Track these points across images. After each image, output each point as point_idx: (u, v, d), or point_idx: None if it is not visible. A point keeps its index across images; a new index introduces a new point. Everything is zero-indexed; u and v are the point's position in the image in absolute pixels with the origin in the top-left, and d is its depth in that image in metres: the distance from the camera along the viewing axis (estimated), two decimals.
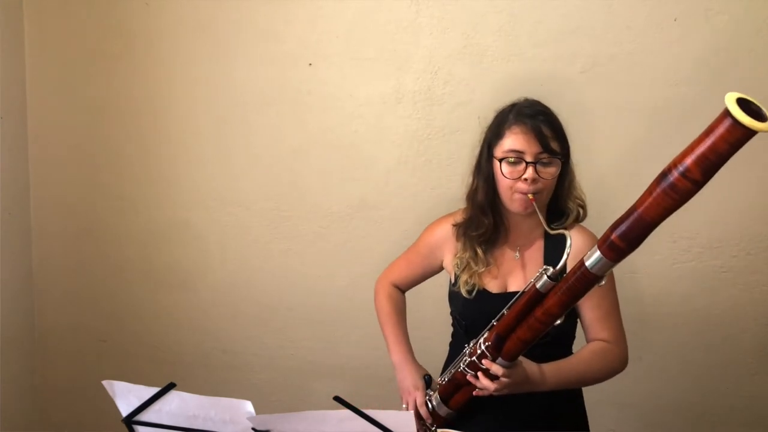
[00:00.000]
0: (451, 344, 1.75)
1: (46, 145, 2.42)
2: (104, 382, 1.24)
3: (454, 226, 1.64)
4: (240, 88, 2.28)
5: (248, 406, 1.18)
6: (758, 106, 1.03)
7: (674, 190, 1.11)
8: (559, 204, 1.57)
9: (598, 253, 1.22)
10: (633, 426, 2.28)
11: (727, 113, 1.03)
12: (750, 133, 1.02)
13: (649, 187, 1.15)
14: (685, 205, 2.27)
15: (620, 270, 2.16)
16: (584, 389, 1.72)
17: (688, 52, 2.03)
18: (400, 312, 1.78)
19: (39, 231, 2.47)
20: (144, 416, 1.24)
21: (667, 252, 2.15)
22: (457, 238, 1.63)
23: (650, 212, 1.15)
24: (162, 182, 2.38)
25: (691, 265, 2.15)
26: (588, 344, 1.56)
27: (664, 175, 1.13)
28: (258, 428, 1.19)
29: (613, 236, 1.19)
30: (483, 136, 1.59)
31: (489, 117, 1.60)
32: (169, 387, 1.21)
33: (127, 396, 1.23)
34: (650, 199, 1.14)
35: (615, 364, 1.55)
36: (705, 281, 2.15)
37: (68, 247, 2.47)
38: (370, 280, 1.83)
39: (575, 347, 1.63)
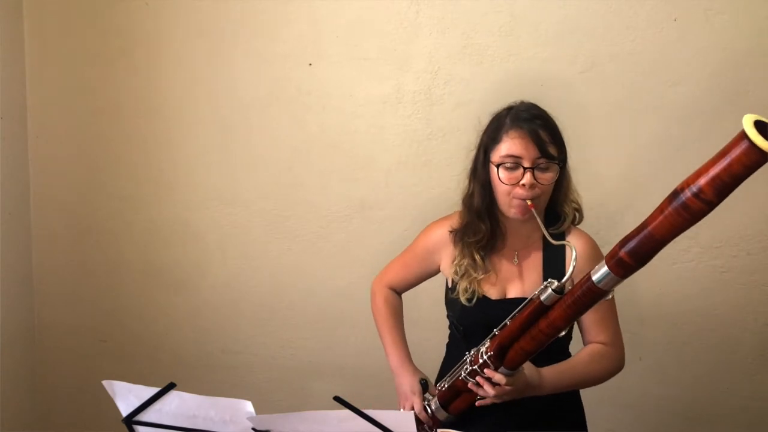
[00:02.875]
0: (448, 345, 1.75)
1: (46, 145, 2.42)
2: (104, 382, 1.24)
3: (450, 232, 1.62)
4: (240, 88, 2.28)
5: (248, 406, 1.18)
6: None
7: (686, 210, 1.10)
8: (556, 208, 1.57)
9: (605, 269, 1.21)
10: (633, 426, 2.28)
11: (744, 136, 1.01)
12: (767, 156, 1.00)
13: (661, 205, 1.14)
14: None
15: None
16: (583, 390, 1.72)
17: (688, 52, 2.03)
18: (397, 315, 1.76)
19: (39, 231, 2.47)
20: (144, 416, 1.24)
21: (667, 252, 2.13)
22: (455, 244, 1.61)
23: (660, 230, 1.14)
24: (162, 182, 2.38)
25: (691, 265, 2.15)
26: (586, 347, 1.56)
27: (676, 193, 1.11)
28: (258, 428, 1.19)
29: (622, 253, 1.18)
30: (479, 139, 1.57)
31: (485, 120, 1.59)
32: (169, 387, 1.21)
33: (127, 396, 1.23)
34: (661, 218, 1.14)
35: (612, 367, 1.56)
36: (705, 281, 2.15)
37: (68, 247, 2.47)
38: (370, 280, 1.83)
39: (572, 348, 1.63)
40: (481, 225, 1.56)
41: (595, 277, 1.23)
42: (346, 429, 1.16)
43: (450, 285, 1.63)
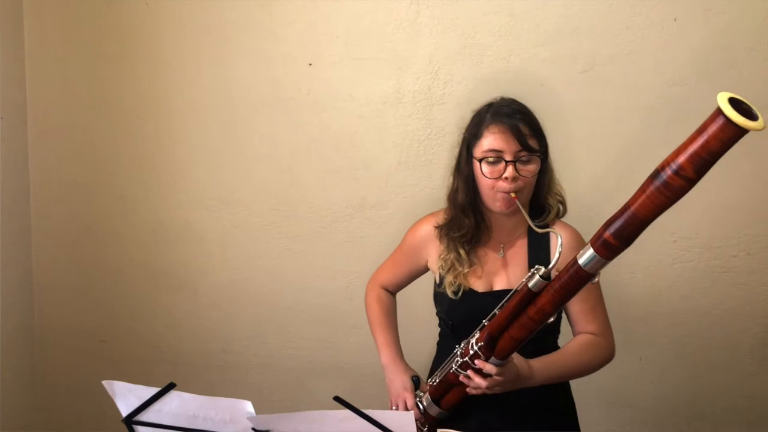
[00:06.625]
0: (438, 343, 1.76)
1: (46, 145, 2.42)
2: (104, 382, 1.24)
3: (436, 227, 1.65)
4: (240, 88, 2.28)
5: (248, 406, 1.19)
6: (749, 106, 1.05)
7: (667, 188, 1.12)
8: (540, 200, 1.59)
9: (591, 251, 1.22)
10: (633, 426, 2.28)
11: (719, 112, 1.04)
12: (742, 131, 1.03)
13: (642, 186, 1.16)
14: (686, 205, 2.27)
15: (620, 270, 2.19)
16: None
17: (688, 52, 2.03)
18: (389, 314, 1.79)
19: (39, 231, 2.47)
20: (144, 416, 1.24)
21: (667, 252, 2.15)
22: (440, 240, 1.64)
23: (643, 210, 1.16)
24: (162, 182, 2.38)
25: (691, 265, 2.15)
26: (575, 337, 1.58)
27: (657, 173, 1.14)
28: (258, 428, 1.19)
29: (606, 234, 1.20)
30: (461, 136, 1.61)
31: (467, 117, 1.61)
32: (169, 387, 1.21)
33: (127, 396, 1.23)
34: (643, 197, 1.15)
35: (602, 356, 1.57)
36: (705, 281, 2.15)
37: (68, 246, 2.47)
38: None
39: (561, 341, 1.65)
40: (465, 220, 1.59)
41: (581, 261, 1.24)
42: (346, 429, 1.16)
43: (437, 281, 1.65)
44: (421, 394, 1.62)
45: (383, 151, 2.24)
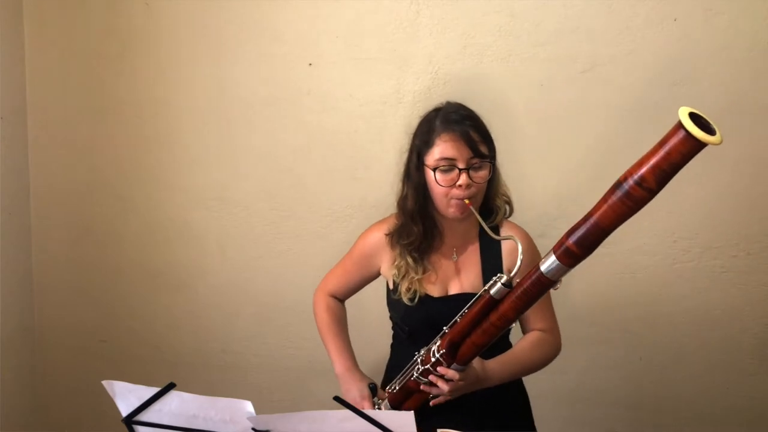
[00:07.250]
0: (392, 346, 1.77)
1: (46, 145, 2.42)
2: (104, 382, 1.25)
3: (387, 235, 1.65)
4: (240, 88, 2.28)
5: (248, 406, 1.19)
6: (707, 121, 1.09)
7: (630, 199, 1.16)
8: (488, 203, 1.60)
9: (553, 258, 1.25)
10: (633, 426, 2.28)
11: (680, 126, 1.08)
12: (701, 145, 1.07)
13: (604, 196, 1.20)
14: (686, 206, 2.28)
15: (620, 270, 2.18)
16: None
17: (688, 52, 2.04)
18: (340, 322, 1.78)
19: (39, 231, 2.47)
20: (144, 416, 1.24)
21: (667, 252, 2.15)
22: (392, 247, 1.64)
23: (605, 219, 1.20)
24: (162, 182, 2.38)
25: (691, 265, 2.15)
26: (526, 335, 1.62)
27: (619, 184, 1.18)
28: (258, 428, 1.19)
29: (569, 242, 1.23)
30: (410, 143, 1.61)
31: (413, 124, 1.61)
32: (169, 387, 1.21)
33: (127, 396, 1.24)
34: (605, 207, 1.19)
35: (552, 352, 1.62)
36: (705, 281, 2.15)
37: (68, 246, 2.47)
38: None
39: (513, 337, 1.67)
40: (414, 227, 1.59)
41: (543, 268, 1.27)
42: (346, 429, 1.16)
43: (391, 287, 1.66)
44: (380, 401, 1.62)
45: (383, 151, 2.24)
